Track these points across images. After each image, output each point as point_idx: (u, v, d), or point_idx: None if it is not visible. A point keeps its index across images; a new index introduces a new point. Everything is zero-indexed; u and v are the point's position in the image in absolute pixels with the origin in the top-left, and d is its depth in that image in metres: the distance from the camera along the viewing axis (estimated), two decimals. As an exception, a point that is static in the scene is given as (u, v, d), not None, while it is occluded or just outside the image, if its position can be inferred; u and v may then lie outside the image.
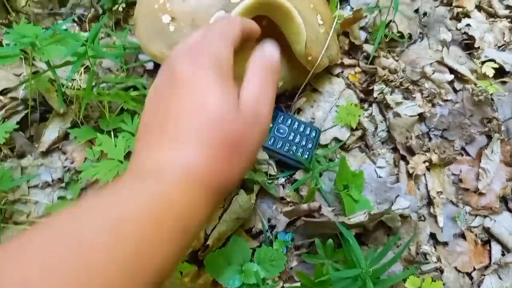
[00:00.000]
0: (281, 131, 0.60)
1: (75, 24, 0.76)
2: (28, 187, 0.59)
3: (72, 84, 0.65)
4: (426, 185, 0.62)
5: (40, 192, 0.59)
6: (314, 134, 0.61)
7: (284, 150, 0.58)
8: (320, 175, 0.58)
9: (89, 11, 0.77)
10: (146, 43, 0.58)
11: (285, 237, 0.52)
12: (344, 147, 0.64)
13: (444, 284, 0.55)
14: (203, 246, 0.51)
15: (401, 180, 0.60)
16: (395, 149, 0.64)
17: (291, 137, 0.59)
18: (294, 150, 0.58)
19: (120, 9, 0.74)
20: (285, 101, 0.68)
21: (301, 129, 0.61)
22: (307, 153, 0.58)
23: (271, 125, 0.60)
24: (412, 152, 0.63)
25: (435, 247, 0.59)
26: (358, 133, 0.64)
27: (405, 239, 0.54)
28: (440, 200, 0.61)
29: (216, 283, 0.49)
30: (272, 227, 0.56)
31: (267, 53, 0.36)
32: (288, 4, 0.53)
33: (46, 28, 0.67)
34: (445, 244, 0.59)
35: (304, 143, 0.59)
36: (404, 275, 0.47)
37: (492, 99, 0.66)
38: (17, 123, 0.62)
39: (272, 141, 0.59)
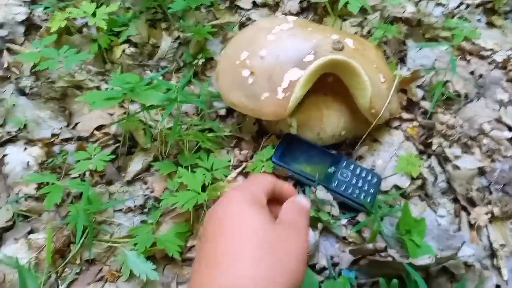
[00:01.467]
0: (345, 175, 0.64)
1: (161, 76, 0.88)
2: (114, 211, 0.66)
3: (156, 124, 0.74)
4: (489, 236, 0.62)
5: (123, 216, 0.65)
6: (375, 180, 0.64)
7: (347, 192, 0.62)
8: (381, 219, 0.61)
9: (172, 64, 0.89)
10: (226, 92, 0.67)
11: (350, 274, 0.54)
12: (404, 195, 0.66)
13: None
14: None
15: (463, 230, 0.61)
16: (455, 200, 0.66)
17: (354, 181, 0.63)
18: (357, 193, 0.61)
19: (199, 63, 0.85)
20: (346, 148, 0.73)
21: (363, 174, 0.64)
22: (369, 197, 0.62)
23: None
24: (473, 203, 0.64)
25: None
26: (418, 182, 0.67)
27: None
28: (503, 253, 0.61)
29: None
30: (335, 265, 0.58)
31: (301, 199, 0.42)
32: (355, 63, 0.60)
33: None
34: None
35: (366, 187, 0.63)
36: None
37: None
38: (111, 153, 0.71)
39: (335, 184, 0.63)
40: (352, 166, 0.66)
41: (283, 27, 0.70)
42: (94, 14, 0.79)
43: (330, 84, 0.68)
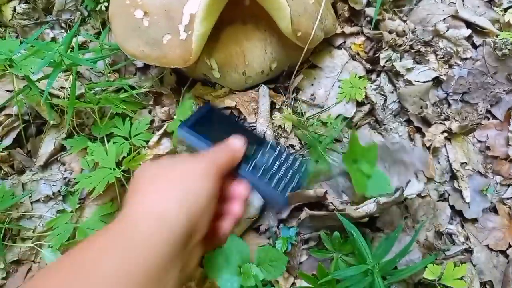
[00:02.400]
0: (265, 159, 0.43)
1: (63, 31, 0.74)
2: (31, 202, 0.58)
3: (64, 94, 0.63)
4: (448, 157, 0.55)
5: (43, 206, 0.58)
6: (302, 168, 0.46)
7: (263, 182, 0.43)
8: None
9: (75, 15, 0.75)
10: (122, 41, 0.55)
11: (288, 232, 0.48)
12: (351, 125, 0.58)
13: (474, 266, 0.50)
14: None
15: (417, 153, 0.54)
16: (409, 122, 0.58)
17: (274, 168, 0.44)
18: (274, 184, 0.43)
19: (103, 8, 0.71)
20: (283, 82, 0.63)
21: (289, 161, 0.46)
22: (287, 190, 0.44)
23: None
24: (428, 123, 0.56)
25: (462, 226, 0.53)
26: (366, 108, 0.58)
27: (422, 222, 0.49)
28: (466, 172, 0.54)
29: (220, 286, 0.46)
30: (281, 222, 0.52)
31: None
32: (264, -24, 0.48)
33: (36, 39, 0.66)
34: (474, 221, 0.53)
35: (288, 178, 0.44)
36: (421, 264, 0.41)
37: (518, 51, 0.57)
38: (14, 139, 0.61)
39: (250, 168, 0.43)
40: (277, 151, 0.46)
41: None
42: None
43: (248, 8, 0.56)
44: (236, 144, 0.38)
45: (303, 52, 0.58)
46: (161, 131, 0.58)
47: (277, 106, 0.60)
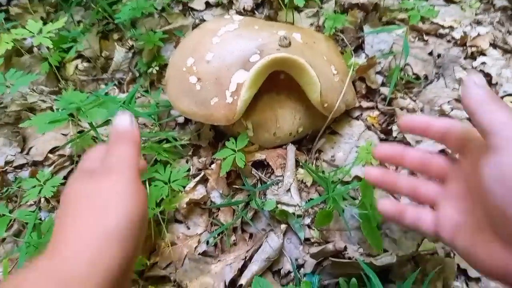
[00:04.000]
0: None
1: (115, 88, 0.85)
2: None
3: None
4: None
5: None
6: None
7: None
8: (343, 211, 0.60)
9: (127, 75, 0.86)
10: (175, 100, 0.65)
11: (312, 279, 0.53)
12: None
13: (480, 325, 0.53)
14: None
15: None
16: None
17: None
18: None
19: (154, 71, 0.82)
20: (306, 144, 0.71)
21: None
22: None
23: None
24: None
25: (466, 284, 0.57)
26: (380, 172, 0.66)
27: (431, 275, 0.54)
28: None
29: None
30: (300, 267, 0.57)
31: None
32: (300, 60, 0.59)
33: (91, 92, 0.76)
34: (478, 280, 0.58)
35: None
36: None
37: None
38: (64, 177, 0.69)
39: None
40: None
41: (229, 28, 0.68)
42: (40, 32, 0.77)
43: (282, 81, 0.67)
44: (122, 125, 0.38)
45: (327, 120, 0.67)
46: (197, 179, 0.66)
47: (300, 164, 0.68)
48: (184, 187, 0.64)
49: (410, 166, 0.42)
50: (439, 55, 0.80)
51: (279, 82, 0.67)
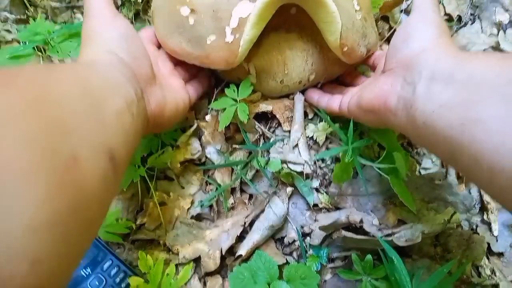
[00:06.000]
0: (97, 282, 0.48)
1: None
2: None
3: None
4: (479, 188, 0.54)
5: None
6: None
7: None
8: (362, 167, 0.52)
9: None
10: (164, 38, 0.54)
11: (320, 252, 0.47)
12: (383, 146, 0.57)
13: (500, 303, 0.49)
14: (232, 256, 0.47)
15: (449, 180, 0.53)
16: (442, 148, 0.57)
17: None
18: None
19: (139, 0, 0.70)
20: (317, 94, 0.62)
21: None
22: None
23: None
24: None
25: (488, 259, 0.52)
26: (400, 130, 0.58)
27: (455, 252, 0.48)
28: (495, 205, 0.54)
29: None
30: (305, 235, 0.51)
31: None
32: (320, -10, 0.47)
33: (64, 22, 0.64)
34: (500, 255, 0.53)
35: None
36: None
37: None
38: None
39: None
40: (115, 269, 0.48)
41: None
42: None
43: (293, 17, 0.55)
44: None
45: (344, 67, 0.57)
46: (191, 131, 0.57)
47: (309, 117, 0.60)
48: (175, 140, 0.56)
49: None
50: (476, -8, 0.68)
51: (289, 17, 0.55)
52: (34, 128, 0.22)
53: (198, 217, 0.53)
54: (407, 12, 0.68)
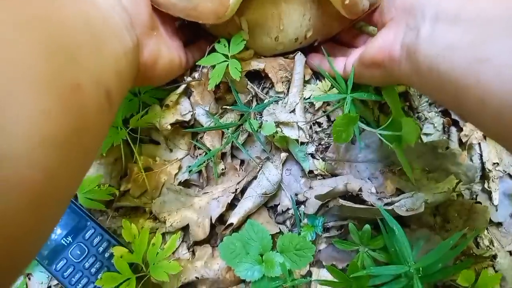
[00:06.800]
0: (80, 251, 0.46)
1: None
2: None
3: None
4: (481, 155, 0.52)
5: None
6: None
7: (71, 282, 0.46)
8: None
9: None
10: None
11: (315, 222, 0.45)
12: (384, 110, 0.54)
13: (496, 272, 0.48)
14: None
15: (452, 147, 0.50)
16: (445, 113, 0.54)
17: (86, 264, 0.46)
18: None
19: None
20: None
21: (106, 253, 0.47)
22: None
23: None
24: (466, 117, 0.53)
25: (487, 228, 0.51)
26: (400, 91, 0.54)
27: (455, 222, 0.46)
28: (496, 173, 0.52)
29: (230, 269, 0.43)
30: (300, 203, 0.48)
31: None
32: None
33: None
34: (499, 225, 0.51)
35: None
36: (458, 268, 0.39)
37: None
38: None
39: (60, 265, 0.46)
40: (98, 238, 0.47)
41: None
42: None
43: (291, -35, 0.50)
44: None
45: (344, 23, 0.52)
46: (180, 89, 0.52)
47: (306, 78, 0.55)
48: (160, 99, 0.51)
49: None
50: None
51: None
52: (45, 43, 0.22)
53: (186, 183, 0.50)
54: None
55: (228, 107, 0.49)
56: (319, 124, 0.53)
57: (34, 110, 0.20)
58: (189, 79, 0.51)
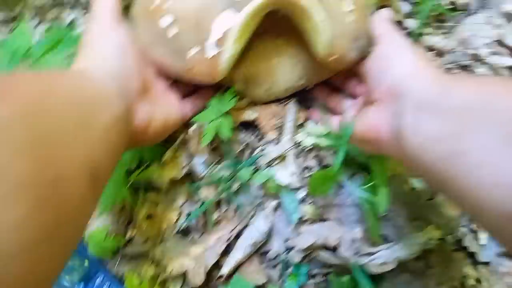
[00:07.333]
0: None
1: (85, 10, 0.71)
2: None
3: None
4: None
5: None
6: None
7: None
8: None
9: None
10: (145, 47, 0.52)
11: (300, 270, 0.48)
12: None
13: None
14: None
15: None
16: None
17: None
18: None
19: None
20: (305, 96, 0.60)
21: None
22: None
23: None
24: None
25: (474, 267, 0.52)
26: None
27: (437, 268, 0.48)
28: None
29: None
30: (290, 249, 0.52)
31: None
32: (303, 1, 0.44)
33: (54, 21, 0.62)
34: (486, 264, 0.53)
35: None
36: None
37: None
38: None
39: None
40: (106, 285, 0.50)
41: None
42: None
43: (280, 20, 0.52)
44: None
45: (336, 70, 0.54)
46: (176, 143, 0.56)
47: (300, 121, 0.58)
48: (160, 154, 0.55)
49: None
50: (486, -24, 0.62)
51: (276, 21, 0.52)
52: (27, 141, 0.23)
53: (186, 229, 0.54)
54: (408, -1, 0.63)
55: (221, 159, 0.53)
56: (310, 169, 0.56)
57: (10, 220, 0.20)
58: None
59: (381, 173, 0.48)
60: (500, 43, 0.58)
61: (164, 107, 0.46)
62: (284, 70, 0.54)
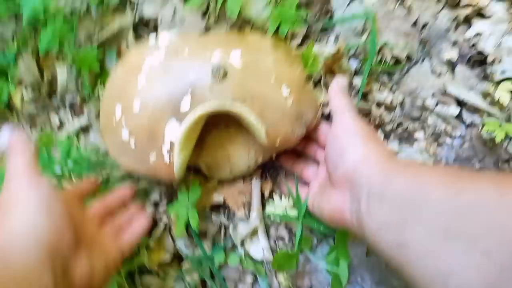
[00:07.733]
0: None
1: (69, 113, 0.79)
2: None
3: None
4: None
5: None
6: None
7: None
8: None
9: (78, 94, 0.79)
10: (114, 156, 0.59)
11: None
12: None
13: None
14: None
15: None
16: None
17: None
18: None
19: (101, 96, 0.74)
20: (270, 165, 0.65)
21: None
22: None
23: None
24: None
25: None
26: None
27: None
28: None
29: None
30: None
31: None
32: (235, 108, 0.50)
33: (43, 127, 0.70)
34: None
35: None
36: None
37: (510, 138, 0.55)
38: None
39: None
40: None
41: (153, 61, 0.57)
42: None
43: (224, 116, 0.57)
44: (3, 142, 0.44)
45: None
46: (159, 231, 0.62)
47: (265, 194, 0.63)
48: (146, 241, 0.62)
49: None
50: (424, 25, 0.65)
51: (225, 115, 0.58)
52: None
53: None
54: (356, 56, 0.67)
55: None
56: (282, 238, 0.61)
57: None
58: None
59: (343, 245, 0.51)
60: (443, 93, 0.61)
61: (102, 253, 0.44)
62: (240, 154, 0.59)
